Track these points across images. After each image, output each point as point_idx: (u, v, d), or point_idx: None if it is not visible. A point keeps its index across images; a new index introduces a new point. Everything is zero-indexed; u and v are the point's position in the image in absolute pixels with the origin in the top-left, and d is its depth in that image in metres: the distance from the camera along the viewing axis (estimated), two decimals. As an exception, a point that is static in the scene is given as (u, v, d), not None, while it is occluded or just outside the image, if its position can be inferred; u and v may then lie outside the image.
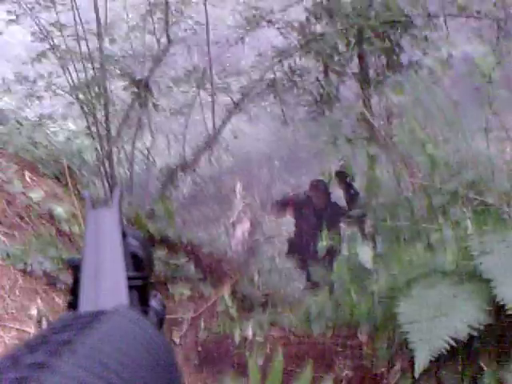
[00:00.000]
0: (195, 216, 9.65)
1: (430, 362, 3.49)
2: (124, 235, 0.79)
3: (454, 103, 4.41)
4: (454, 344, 2.87)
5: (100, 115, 8.97)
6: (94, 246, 0.74)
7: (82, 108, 8.91)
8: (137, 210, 7.14)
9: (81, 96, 8.82)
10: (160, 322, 0.83)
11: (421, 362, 2.84)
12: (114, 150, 9.11)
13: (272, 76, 9.39)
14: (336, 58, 8.85)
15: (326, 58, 8.83)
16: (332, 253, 4.04)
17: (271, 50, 9.90)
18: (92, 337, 0.57)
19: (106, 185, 8.80)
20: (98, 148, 8.88)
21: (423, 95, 4.47)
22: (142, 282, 0.79)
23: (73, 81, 8.85)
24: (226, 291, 5.84)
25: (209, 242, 8.40)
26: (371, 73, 8.75)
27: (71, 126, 10.03)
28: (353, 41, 8.32)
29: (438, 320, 2.93)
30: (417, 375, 2.88)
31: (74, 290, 0.71)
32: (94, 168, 8.39)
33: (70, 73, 8.83)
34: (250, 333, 4.99)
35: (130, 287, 0.70)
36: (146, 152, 9.93)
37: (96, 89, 8.85)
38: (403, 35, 8.66)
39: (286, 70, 9.37)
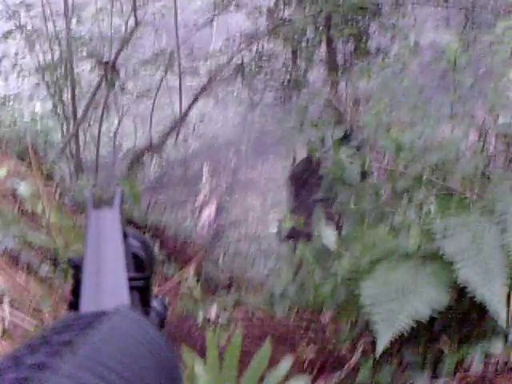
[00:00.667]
0: (161, 199, 9.62)
1: (392, 343, 3.52)
2: (125, 236, 0.79)
3: (419, 89, 4.43)
4: (415, 325, 2.89)
5: (66, 97, 8.92)
6: (95, 246, 0.74)
7: (48, 89, 8.86)
8: (101, 192, 7.11)
9: (47, 77, 8.76)
10: (161, 323, 0.83)
11: (382, 343, 2.86)
12: (80, 131, 9.07)
13: (240, 60, 9.39)
14: (304, 44, 8.86)
15: (294, 44, 8.84)
16: (298, 234, 4.03)
17: (239, 34, 9.90)
18: (93, 337, 0.57)
19: (72, 165, 8.76)
20: (64, 129, 8.83)
21: (390, 81, 4.49)
22: (143, 283, 0.79)
23: (39, 62, 8.78)
24: (189, 273, 5.84)
25: (174, 224, 8.40)
26: (339, 59, 8.79)
27: (38, 107, 9.94)
28: (321, 27, 8.33)
29: (399, 301, 2.95)
30: (378, 355, 2.90)
31: (75, 291, 0.71)
32: (60, 149, 8.34)
33: (36, 53, 8.77)
34: (213, 314, 5.00)
35: (131, 288, 0.71)
36: (112, 134, 9.88)
37: (62, 70, 8.79)
38: (371, 22, 8.69)
39: (254, 55, 9.37)
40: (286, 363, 2.89)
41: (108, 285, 0.69)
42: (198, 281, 5.80)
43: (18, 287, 4.33)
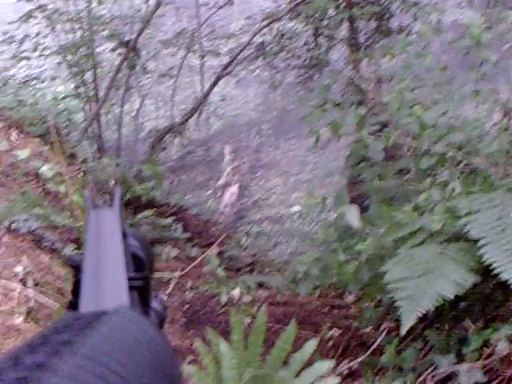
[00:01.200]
0: (183, 179, 9.63)
1: (416, 325, 3.52)
2: (125, 235, 0.79)
3: (443, 67, 4.39)
4: (440, 302, 2.87)
5: (88, 76, 8.92)
6: (94, 246, 0.74)
7: (70, 69, 8.86)
8: (124, 172, 7.12)
9: (69, 57, 8.76)
10: (161, 323, 0.83)
11: (407, 320, 2.84)
12: (102, 111, 9.07)
13: (261, 40, 9.35)
14: (325, 22, 8.81)
15: (315, 22, 8.79)
16: None
17: (260, 13, 9.85)
18: (93, 337, 0.57)
19: (95, 145, 8.78)
20: (87, 109, 8.85)
21: (412, 59, 4.46)
22: (143, 283, 0.79)
23: (60, 42, 8.78)
24: (213, 252, 5.85)
25: (197, 204, 8.41)
26: (361, 37, 8.73)
27: (60, 87, 9.96)
28: (342, 5, 8.27)
29: (424, 278, 2.94)
30: (403, 333, 2.89)
31: (74, 291, 0.71)
32: (82, 129, 8.36)
33: (57, 34, 8.77)
34: (236, 293, 5.01)
35: (131, 288, 0.71)
36: (134, 114, 9.88)
37: (84, 50, 8.79)
38: (393, 0, 8.62)
39: (275, 34, 9.32)
40: (310, 346, 2.88)
41: (108, 285, 0.69)
42: (221, 261, 5.80)
43: (41, 268, 4.36)
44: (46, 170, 5.13)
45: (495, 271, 2.87)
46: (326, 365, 2.86)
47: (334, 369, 3.79)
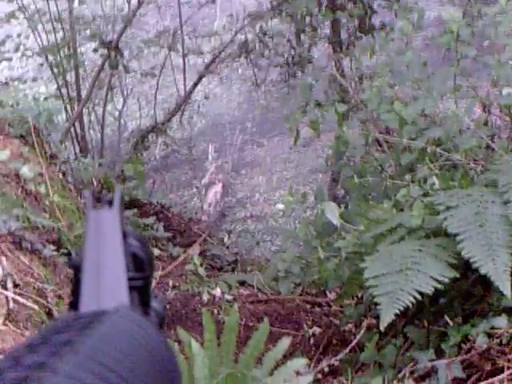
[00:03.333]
0: (167, 178, 9.61)
1: (397, 321, 3.52)
2: (124, 235, 0.79)
3: (423, 63, 4.40)
4: (419, 297, 2.87)
5: (70, 77, 8.89)
6: (94, 246, 0.74)
7: (51, 70, 8.83)
8: (106, 172, 7.11)
9: (50, 57, 8.73)
10: (161, 323, 0.83)
11: (385, 317, 2.84)
12: (85, 111, 9.04)
13: (243, 38, 9.34)
14: (308, 20, 8.80)
15: (298, 20, 8.78)
16: None
17: (243, 11, 9.84)
18: (93, 337, 0.57)
19: (77, 146, 8.75)
20: (69, 110, 8.82)
21: (393, 56, 4.46)
22: (143, 283, 0.79)
23: (42, 42, 8.75)
24: (195, 251, 5.84)
25: (180, 203, 8.40)
26: (343, 35, 8.73)
27: (42, 88, 9.93)
28: (325, 3, 8.27)
29: (403, 274, 2.93)
30: (382, 328, 2.88)
31: (74, 291, 0.72)
32: (65, 129, 8.33)
33: (39, 34, 8.73)
34: (218, 291, 5.01)
35: (131, 288, 0.71)
36: (117, 114, 9.86)
37: (66, 50, 8.76)
38: (375, -3, 8.64)
39: (258, 32, 9.32)
40: (283, 344, 2.88)
41: (108, 285, 0.69)
42: (203, 259, 5.80)
43: (21, 269, 4.33)
44: (26, 170, 5.09)
45: (473, 266, 2.87)
46: (299, 362, 2.85)
47: (315, 366, 3.79)
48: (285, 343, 2.86)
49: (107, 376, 0.53)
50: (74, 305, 0.69)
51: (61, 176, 5.72)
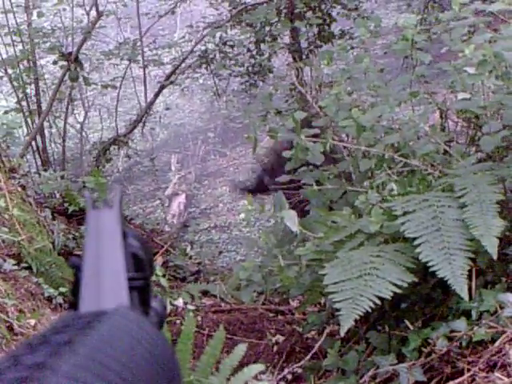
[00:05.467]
0: (130, 190, 9.58)
1: (360, 323, 3.53)
2: (124, 236, 0.79)
3: (380, 70, 4.43)
4: (378, 302, 2.88)
5: (30, 90, 8.84)
6: (94, 246, 0.74)
7: (11, 83, 8.77)
8: (68, 185, 7.07)
9: (10, 71, 8.67)
10: (160, 323, 0.83)
11: (345, 322, 2.85)
12: (46, 124, 8.99)
13: (203, 48, 9.35)
14: (267, 29, 8.84)
15: (257, 30, 8.81)
16: None
17: (202, 21, 9.86)
18: (92, 337, 0.57)
19: (39, 160, 8.70)
20: (30, 123, 8.76)
21: (351, 63, 4.49)
22: (143, 283, 0.80)
23: (1, 55, 8.69)
24: (157, 261, 5.82)
25: (143, 215, 8.38)
26: (303, 43, 8.78)
27: (2, 102, 9.86)
28: (284, 12, 8.31)
29: (362, 279, 2.95)
30: (342, 334, 2.90)
31: (74, 291, 0.72)
32: (26, 143, 8.29)
33: (-2, 47, 8.68)
34: (180, 302, 5.00)
35: (131, 288, 0.71)
36: (78, 127, 9.81)
37: (25, 63, 8.71)
38: (334, 5, 8.69)
39: (218, 42, 9.33)
40: (239, 350, 2.88)
41: (107, 285, 0.69)
42: (166, 270, 5.79)
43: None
44: (-16, 184, 5.06)
45: (431, 269, 2.90)
46: (256, 368, 2.85)
47: (279, 374, 3.80)
48: (241, 349, 2.86)
49: (107, 376, 0.53)
50: (73, 305, 0.70)
51: (20, 189, 5.67)
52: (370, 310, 2.89)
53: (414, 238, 3.01)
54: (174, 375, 0.65)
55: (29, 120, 8.77)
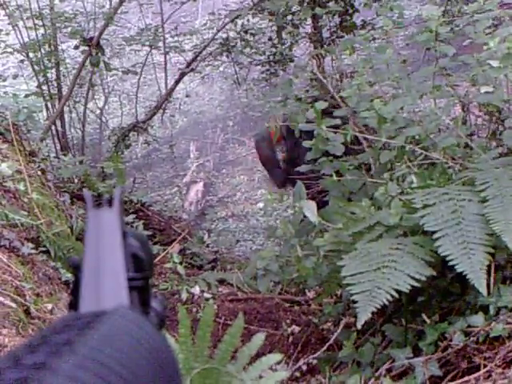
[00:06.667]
0: (148, 176, 9.60)
1: (375, 320, 3.53)
2: (124, 235, 0.79)
3: (402, 61, 4.40)
4: (396, 295, 2.87)
5: (51, 74, 8.86)
6: (94, 246, 0.74)
7: (32, 67, 8.79)
8: (86, 170, 7.09)
9: (31, 55, 8.69)
10: (160, 323, 0.82)
11: (362, 315, 2.84)
12: (66, 109, 9.02)
13: (225, 36, 9.32)
14: (289, 18, 8.80)
15: (279, 18, 8.77)
16: None
17: (224, 8, 9.83)
18: (92, 337, 0.57)
19: (58, 144, 8.72)
20: (50, 107, 8.78)
21: (373, 54, 4.46)
22: (143, 283, 0.80)
23: (23, 39, 8.71)
24: (174, 249, 5.83)
25: (161, 202, 8.39)
26: (325, 33, 8.73)
27: (23, 86, 9.88)
28: (305, 2, 8.27)
29: (380, 272, 2.93)
30: (359, 326, 2.88)
31: (74, 291, 0.72)
32: (45, 127, 8.30)
33: (20, 31, 8.69)
34: (197, 290, 5.00)
35: (131, 288, 0.72)
36: (98, 112, 9.83)
37: (47, 47, 8.72)
38: (356, -5, 8.65)
39: (239, 30, 9.30)
40: (257, 339, 2.87)
41: (107, 285, 0.69)
42: (183, 258, 5.79)
43: (0, 266, 4.31)
44: (4, 167, 5.07)
45: (450, 263, 2.88)
46: (273, 358, 2.84)
47: (294, 365, 3.79)
48: (259, 338, 2.86)
49: (107, 376, 0.53)
50: (73, 305, 0.70)
51: (40, 173, 5.69)
52: (387, 303, 2.87)
53: (434, 232, 2.99)
54: (173, 375, 0.66)
55: (49, 104, 8.80)
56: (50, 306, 4.06)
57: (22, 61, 8.98)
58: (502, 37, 3.60)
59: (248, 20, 9.09)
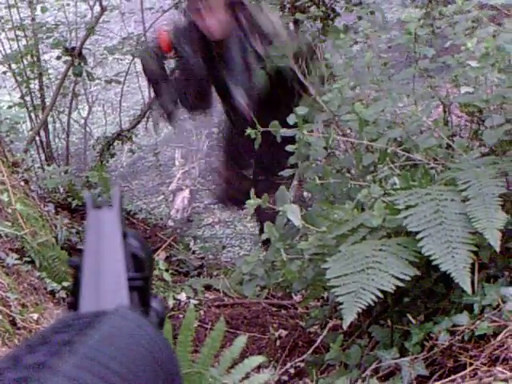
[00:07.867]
0: (134, 185, 9.58)
1: (363, 317, 3.54)
2: (124, 235, 0.79)
3: (383, 63, 4.42)
4: (381, 296, 2.88)
5: (34, 85, 8.84)
6: (94, 246, 0.75)
7: (15, 78, 8.77)
8: (71, 180, 7.09)
9: (14, 66, 8.68)
10: (161, 323, 0.82)
11: (348, 316, 2.85)
12: (50, 119, 8.99)
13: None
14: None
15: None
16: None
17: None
18: (92, 337, 0.57)
19: (42, 154, 8.70)
20: (33, 118, 8.77)
21: (355, 57, 4.48)
22: (143, 283, 0.79)
23: (5, 50, 8.70)
24: (160, 256, 5.83)
25: (147, 210, 8.38)
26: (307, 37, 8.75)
27: (6, 97, 9.86)
28: (287, 7, 8.29)
29: (364, 273, 2.95)
30: (345, 328, 2.91)
31: (74, 291, 0.72)
32: (29, 137, 8.30)
33: (1, 42, 8.68)
34: (183, 296, 5.01)
35: (131, 288, 0.72)
36: (82, 122, 9.81)
37: (29, 58, 8.71)
38: (337, 0, 8.66)
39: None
40: (239, 342, 2.88)
41: (107, 285, 0.69)
42: (169, 264, 5.80)
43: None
44: (-14, 178, 5.07)
45: (434, 263, 2.90)
46: (256, 360, 2.85)
47: (281, 368, 3.80)
48: (241, 341, 2.87)
49: (107, 376, 0.53)
50: (73, 305, 0.70)
51: (23, 184, 5.68)
52: (372, 304, 2.89)
53: (417, 232, 3.01)
54: (173, 375, 0.65)
55: (32, 115, 8.78)
56: (35, 316, 4.05)
57: (4, 72, 8.96)
58: (481, 37, 3.63)
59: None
